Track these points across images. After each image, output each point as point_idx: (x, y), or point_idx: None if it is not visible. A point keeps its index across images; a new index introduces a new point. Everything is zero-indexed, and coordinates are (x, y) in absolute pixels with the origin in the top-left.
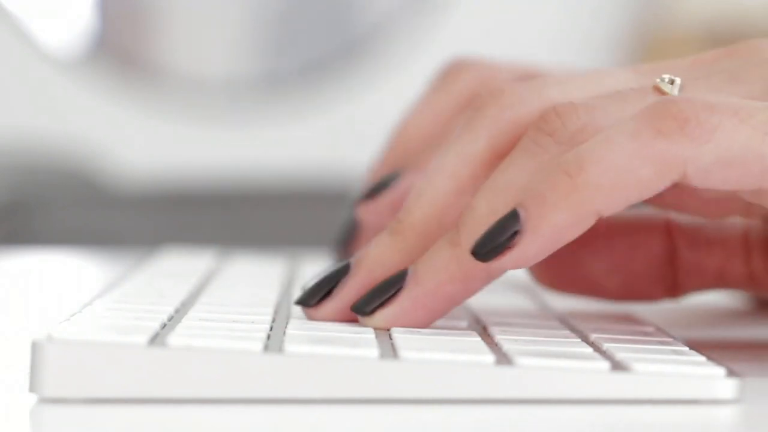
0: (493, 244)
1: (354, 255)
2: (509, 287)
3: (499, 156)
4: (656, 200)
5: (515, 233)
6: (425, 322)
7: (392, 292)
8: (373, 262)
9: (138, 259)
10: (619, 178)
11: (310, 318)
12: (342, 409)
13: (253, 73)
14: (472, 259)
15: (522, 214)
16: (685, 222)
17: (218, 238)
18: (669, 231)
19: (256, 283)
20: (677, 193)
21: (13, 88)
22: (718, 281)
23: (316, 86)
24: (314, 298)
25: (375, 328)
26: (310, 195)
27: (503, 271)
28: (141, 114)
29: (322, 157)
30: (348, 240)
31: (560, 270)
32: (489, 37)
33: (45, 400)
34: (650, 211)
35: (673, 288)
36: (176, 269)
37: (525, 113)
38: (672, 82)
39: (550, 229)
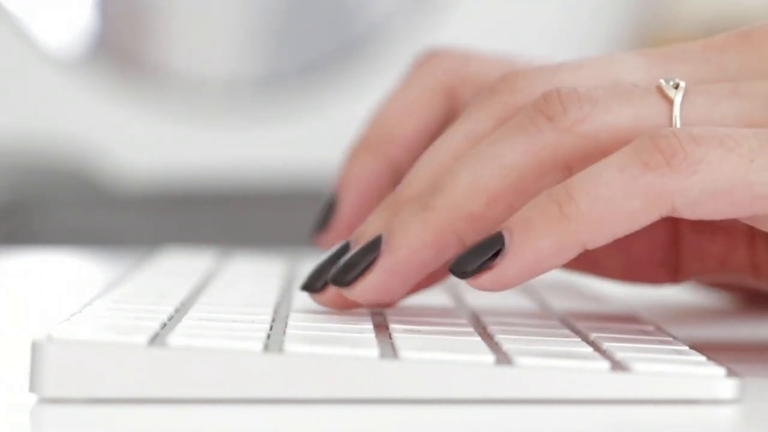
0: (474, 262)
1: (353, 234)
2: None
3: None
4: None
5: (496, 254)
6: (400, 290)
7: (368, 261)
8: (371, 233)
9: (138, 259)
10: (606, 210)
11: (348, 296)
12: (342, 409)
13: (253, 73)
14: (444, 224)
15: (507, 236)
16: None
17: (218, 238)
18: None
19: (256, 283)
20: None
21: (13, 88)
22: (721, 268)
23: (316, 86)
24: (349, 275)
25: (354, 301)
26: (310, 195)
27: (482, 286)
28: (141, 114)
29: (322, 157)
30: (324, 226)
31: None
32: (489, 37)
33: (45, 400)
34: None
35: (676, 272)
36: (176, 269)
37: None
38: (676, 86)
39: (532, 255)
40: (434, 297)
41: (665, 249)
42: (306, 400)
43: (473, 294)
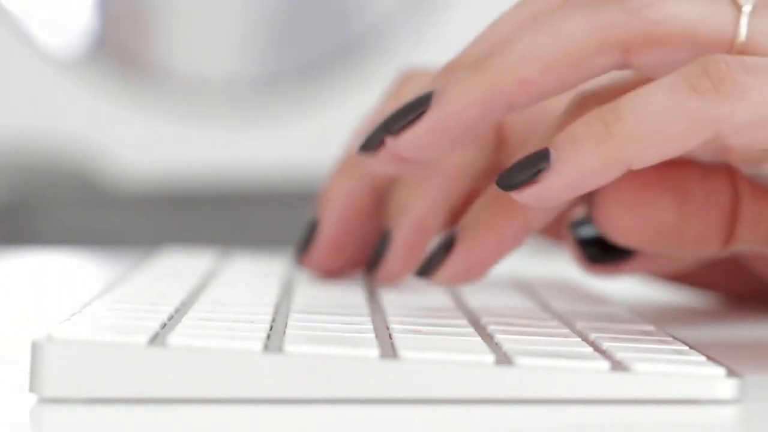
0: (519, 176)
1: (435, 89)
2: (509, 287)
3: (611, 46)
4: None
5: (542, 169)
6: (445, 146)
7: (417, 113)
8: (454, 96)
9: (138, 259)
10: (653, 131)
11: (391, 147)
12: (342, 409)
13: (252, 74)
14: (496, 85)
15: (552, 152)
16: (744, 171)
17: (218, 238)
18: (733, 178)
19: (256, 283)
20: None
21: (13, 88)
22: (766, 236)
23: (316, 86)
24: (398, 124)
25: (399, 152)
26: (310, 195)
27: (527, 199)
28: (141, 114)
29: (321, 157)
30: (306, 247)
31: (634, 214)
32: None
33: (45, 400)
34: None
35: (729, 238)
36: (176, 269)
37: (630, 23)
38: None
39: (576, 172)
40: (434, 297)
41: (725, 213)
42: (306, 400)
43: (473, 294)
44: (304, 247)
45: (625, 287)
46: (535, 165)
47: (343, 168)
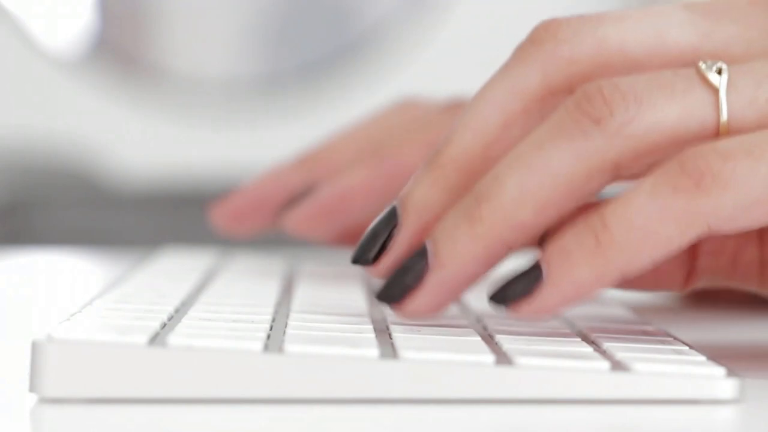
0: (514, 291)
1: (397, 198)
2: None
3: (552, 92)
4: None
5: (535, 283)
6: (447, 303)
7: (416, 275)
8: (420, 207)
9: (138, 259)
10: (641, 237)
11: (373, 275)
12: (342, 409)
13: (252, 74)
14: (493, 236)
15: (545, 267)
16: None
17: (218, 238)
18: None
19: (256, 283)
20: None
21: (13, 88)
22: (732, 266)
23: (316, 86)
24: (370, 252)
25: (409, 315)
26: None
27: (523, 316)
28: (141, 114)
29: None
30: (219, 202)
31: None
32: (488, 38)
33: (45, 400)
34: None
35: (689, 275)
36: (176, 269)
37: (581, 50)
38: (719, 71)
39: (570, 284)
40: None
41: (686, 249)
42: (306, 400)
43: (473, 294)
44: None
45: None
46: (527, 281)
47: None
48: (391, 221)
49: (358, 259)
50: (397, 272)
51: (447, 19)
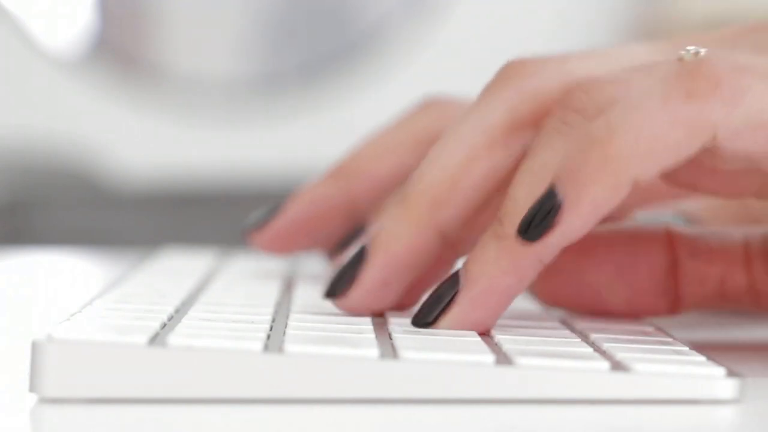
0: (537, 224)
1: (367, 234)
2: None
3: (518, 127)
4: (672, 179)
5: (556, 210)
6: (488, 320)
7: (449, 298)
8: (388, 240)
9: (138, 259)
10: (651, 143)
11: (340, 308)
12: (342, 409)
13: (252, 74)
14: (520, 247)
15: (559, 191)
16: (685, 231)
17: (218, 238)
18: (670, 240)
19: (256, 283)
20: (694, 171)
21: (13, 88)
22: (720, 292)
23: (316, 86)
24: (339, 287)
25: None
26: None
27: (553, 251)
28: (141, 114)
29: (321, 157)
30: (262, 224)
31: (562, 285)
32: (488, 38)
33: (45, 400)
34: (649, 223)
35: (675, 302)
36: (176, 269)
37: (546, 85)
38: (697, 53)
39: (589, 203)
40: None
41: (665, 276)
42: (306, 400)
43: None
44: (258, 224)
45: None
46: (546, 208)
47: (326, 175)
48: (359, 257)
49: (329, 294)
50: (432, 298)
51: (447, 19)
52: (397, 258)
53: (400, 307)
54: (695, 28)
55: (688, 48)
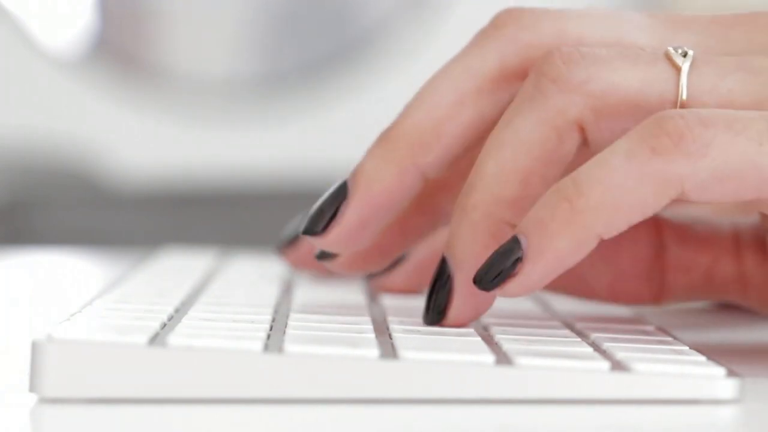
0: (496, 272)
1: (351, 172)
2: None
3: (506, 76)
4: None
5: (517, 261)
6: (490, 298)
7: (446, 286)
8: (369, 179)
9: (138, 259)
10: (618, 199)
11: (320, 246)
12: (342, 409)
13: (252, 74)
14: (491, 219)
15: (523, 241)
16: (674, 219)
17: (218, 238)
18: (657, 227)
19: (256, 283)
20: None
21: (13, 88)
22: (707, 281)
23: (316, 86)
24: (319, 224)
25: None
26: (310, 195)
27: (513, 295)
28: (141, 114)
29: (322, 157)
30: (290, 244)
31: None
32: None
33: (45, 400)
34: None
35: (661, 290)
36: (176, 269)
37: (539, 40)
38: (685, 54)
39: (552, 256)
40: None
41: (650, 264)
42: (306, 400)
43: None
44: (290, 243)
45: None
46: (508, 258)
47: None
48: (340, 193)
49: (308, 230)
50: (430, 291)
51: (447, 20)
52: (377, 199)
53: (374, 256)
54: None
55: (677, 47)
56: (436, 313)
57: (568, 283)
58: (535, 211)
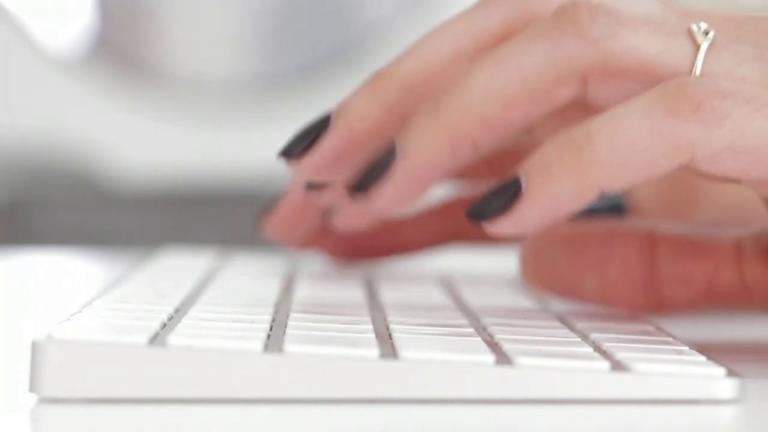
0: (491, 206)
1: (336, 105)
2: (509, 287)
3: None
4: None
5: (514, 198)
6: (419, 194)
7: (385, 166)
8: (353, 116)
9: (138, 259)
10: (626, 154)
11: (293, 170)
12: (342, 409)
13: (252, 74)
14: (458, 128)
15: (524, 180)
16: (670, 232)
17: (218, 238)
18: (651, 241)
19: (256, 283)
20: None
21: (13, 88)
22: (708, 292)
23: (316, 86)
24: (297, 148)
25: (380, 211)
26: None
27: (503, 231)
28: (141, 114)
29: None
30: (266, 211)
31: (543, 269)
32: None
33: (45, 400)
34: (633, 223)
35: (659, 301)
36: (176, 269)
37: (547, 8)
38: (707, 33)
39: (549, 199)
40: (434, 297)
41: (641, 275)
42: (306, 400)
43: (473, 294)
44: (265, 212)
45: None
46: (506, 194)
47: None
48: (323, 124)
49: (285, 153)
50: (367, 164)
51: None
52: (356, 136)
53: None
54: None
55: (700, 24)
56: (364, 186)
57: (560, 287)
58: (541, 153)
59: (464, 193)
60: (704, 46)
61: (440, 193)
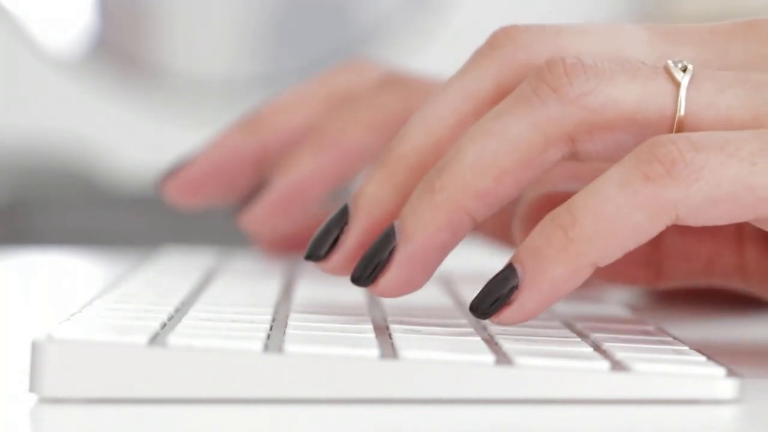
0: (492, 299)
1: (351, 196)
2: None
3: (505, 96)
4: None
5: (513, 289)
6: (422, 278)
7: (386, 253)
8: (369, 204)
9: (138, 259)
10: (612, 227)
11: (324, 271)
12: (342, 409)
13: (252, 73)
14: (454, 204)
15: (519, 270)
16: None
17: (218, 238)
18: None
19: (256, 283)
20: None
21: (13, 88)
22: (707, 270)
23: None
24: (322, 249)
25: (382, 294)
26: None
27: (505, 323)
28: (141, 114)
29: None
30: (173, 174)
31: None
32: None
33: (45, 400)
34: None
35: (658, 274)
36: (176, 269)
37: (537, 59)
38: (684, 69)
39: (548, 284)
40: (434, 297)
41: (645, 249)
42: (306, 400)
43: (473, 294)
44: (170, 174)
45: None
46: (504, 287)
47: (239, 123)
48: (342, 218)
49: (311, 256)
50: (368, 252)
51: (447, 20)
52: (377, 223)
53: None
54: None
55: (677, 62)
56: (366, 273)
57: None
58: (530, 240)
59: None
60: (684, 82)
61: None
